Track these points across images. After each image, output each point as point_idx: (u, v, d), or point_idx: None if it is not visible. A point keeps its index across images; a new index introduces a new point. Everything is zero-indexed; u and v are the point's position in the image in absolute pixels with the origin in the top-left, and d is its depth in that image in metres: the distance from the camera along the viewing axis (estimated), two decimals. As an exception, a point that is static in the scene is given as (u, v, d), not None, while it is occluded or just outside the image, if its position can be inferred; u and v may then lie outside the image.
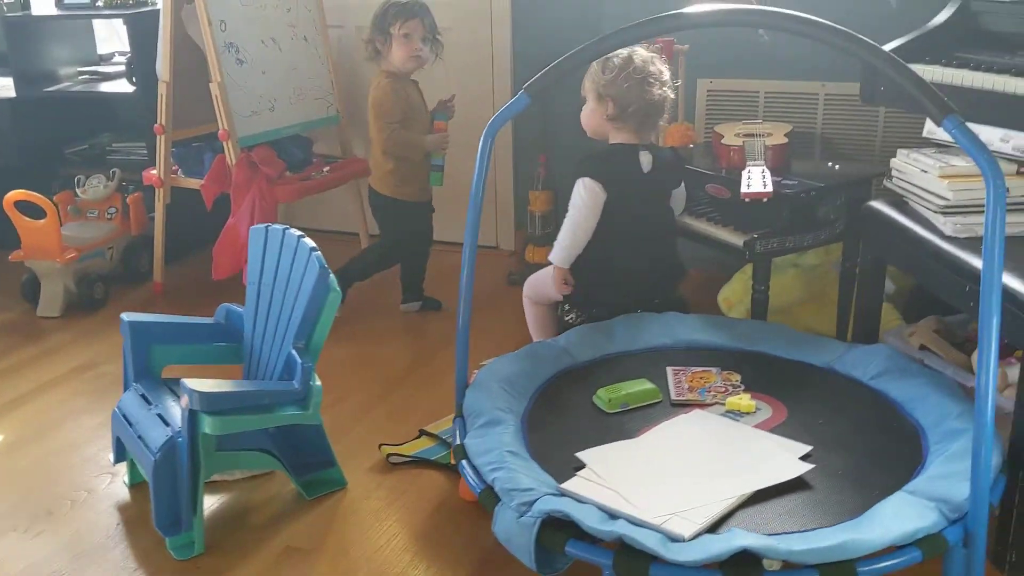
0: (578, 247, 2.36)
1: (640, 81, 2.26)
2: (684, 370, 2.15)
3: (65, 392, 2.69)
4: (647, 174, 2.36)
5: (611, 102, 2.30)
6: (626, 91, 2.27)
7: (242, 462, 2.07)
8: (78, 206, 3.43)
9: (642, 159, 2.35)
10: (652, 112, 2.31)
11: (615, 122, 2.32)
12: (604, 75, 2.29)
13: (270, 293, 2.16)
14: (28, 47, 3.66)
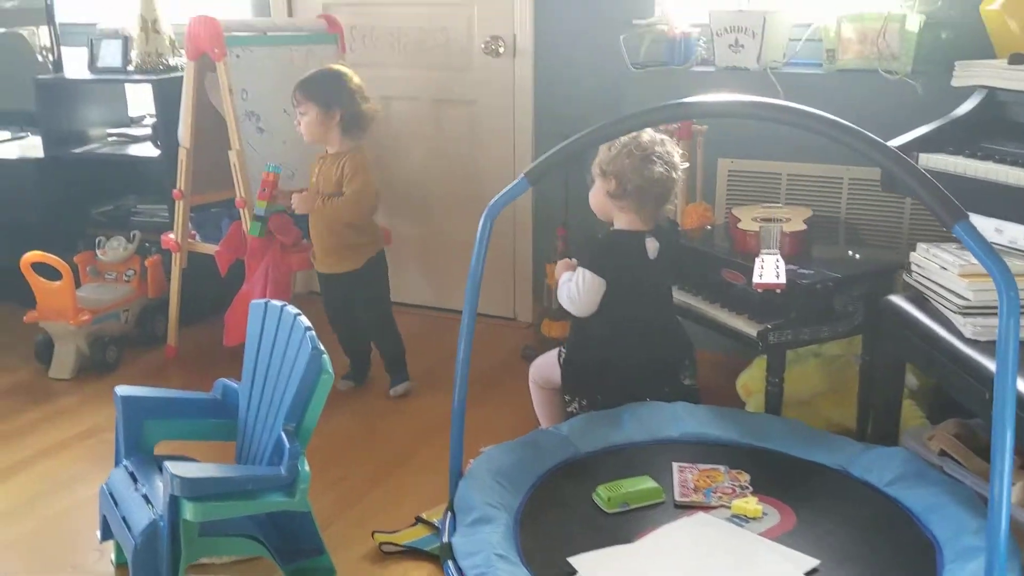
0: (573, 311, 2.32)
1: (642, 158, 2.21)
2: (691, 467, 2.06)
3: (66, 458, 2.66)
4: (653, 261, 2.30)
5: (613, 179, 2.25)
6: (627, 167, 2.22)
7: (226, 548, 2.01)
8: (97, 267, 3.44)
9: (648, 246, 2.29)
10: (653, 190, 2.24)
11: (616, 200, 2.27)
12: (608, 152, 2.26)
13: (265, 370, 2.12)
14: (59, 108, 3.72)
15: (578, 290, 2.26)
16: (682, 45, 2.98)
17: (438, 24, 3.55)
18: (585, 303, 2.27)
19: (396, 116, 3.72)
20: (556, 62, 3.39)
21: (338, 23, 3.44)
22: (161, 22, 3.63)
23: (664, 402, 2.27)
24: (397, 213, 3.82)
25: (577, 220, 3.34)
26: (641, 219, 2.29)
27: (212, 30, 2.97)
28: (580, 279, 2.26)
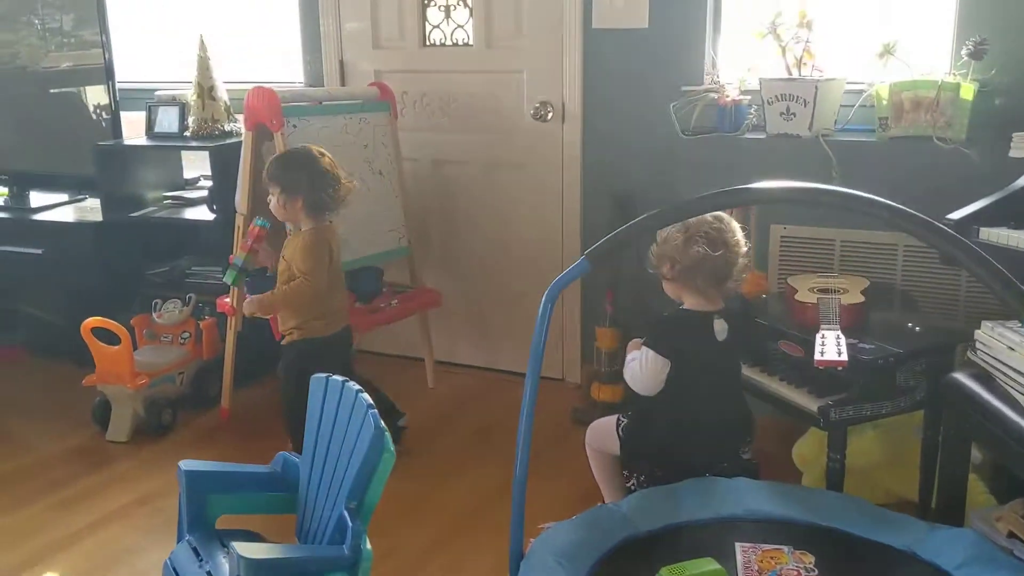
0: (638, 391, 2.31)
1: (685, 240, 2.19)
2: (754, 547, 2.03)
3: (122, 527, 2.69)
4: (722, 343, 2.26)
5: (669, 263, 2.24)
6: (672, 250, 2.21)
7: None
8: (153, 330, 3.50)
9: (716, 327, 2.26)
10: (701, 270, 2.21)
11: (675, 283, 2.26)
12: (664, 233, 2.25)
13: (326, 445, 2.13)
14: (117, 173, 3.82)
15: (641, 369, 2.25)
16: (732, 112, 3.00)
17: (488, 90, 3.60)
18: (648, 383, 2.26)
19: (446, 179, 3.78)
20: (605, 127, 3.43)
21: (390, 90, 3.51)
22: (217, 89, 3.73)
23: (724, 477, 2.24)
24: (446, 274, 3.86)
25: (626, 283, 3.35)
26: (707, 299, 2.26)
27: (271, 102, 3.04)
28: (644, 358, 2.25)
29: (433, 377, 3.73)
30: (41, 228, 3.88)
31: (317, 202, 2.82)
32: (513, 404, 3.49)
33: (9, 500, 2.85)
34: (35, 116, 4.26)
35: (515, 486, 1.96)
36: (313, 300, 2.86)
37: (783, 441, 2.85)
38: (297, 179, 2.80)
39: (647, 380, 2.26)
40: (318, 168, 2.82)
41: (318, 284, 2.82)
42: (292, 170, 2.82)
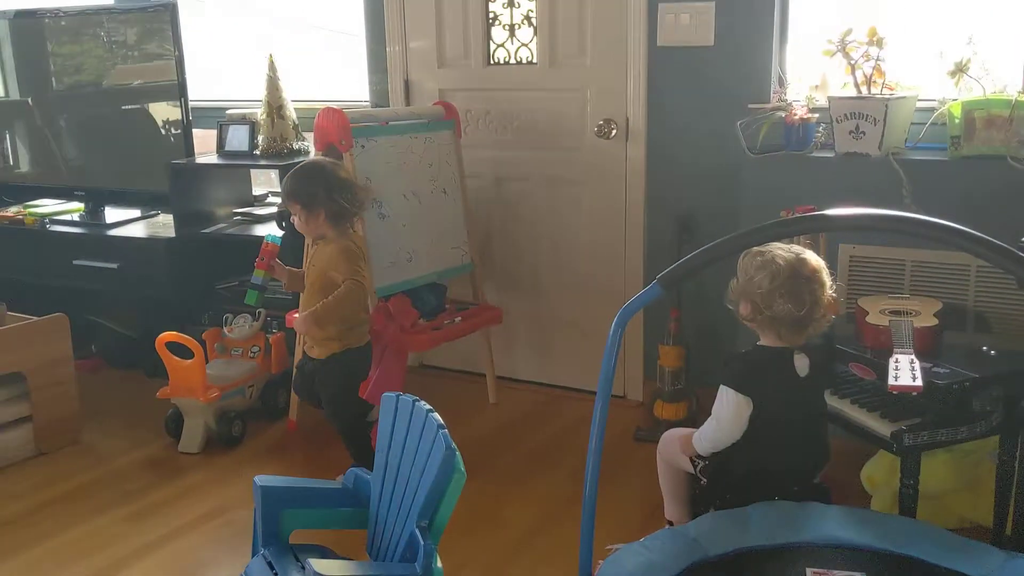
0: (721, 446, 2.25)
1: (769, 292, 2.11)
2: (826, 574, 2.00)
3: (196, 539, 2.75)
4: (804, 379, 2.21)
5: (748, 303, 2.18)
6: (757, 296, 2.13)
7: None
8: (224, 343, 3.59)
9: (797, 364, 2.19)
10: (785, 321, 2.15)
11: (753, 323, 2.22)
12: (742, 275, 2.17)
13: (397, 464, 2.16)
14: (189, 190, 3.92)
15: (725, 411, 2.18)
16: (800, 131, 2.98)
17: (552, 108, 3.63)
18: (730, 427, 2.19)
19: (508, 197, 3.81)
20: (669, 145, 3.42)
21: (454, 109, 3.56)
22: (286, 108, 3.81)
23: (795, 501, 2.22)
24: (508, 290, 3.88)
25: (691, 301, 3.34)
26: (784, 339, 2.20)
27: (340, 123, 3.10)
28: (724, 397, 2.19)
29: (494, 393, 3.76)
30: (116, 243, 3.99)
31: (339, 212, 2.85)
32: (573, 421, 3.54)
33: (84, 510, 2.93)
34: (108, 133, 4.39)
35: (584, 508, 1.97)
36: (364, 301, 2.90)
37: (851, 463, 2.81)
38: (315, 192, 2.84)
39: (730, 423, 2.19)
40: (334, 178, 2.86)
41: (367, 284, 2.87)
42: (309, 184, 2.86)
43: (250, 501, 2.87)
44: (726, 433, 2.22)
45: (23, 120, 4.61)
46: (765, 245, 2.11)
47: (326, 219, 2.86)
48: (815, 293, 2.14)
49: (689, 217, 3.37)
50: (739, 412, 2.19)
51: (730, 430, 2.21)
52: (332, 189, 2.84)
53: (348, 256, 2.85)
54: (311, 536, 2.31)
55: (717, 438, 2.24)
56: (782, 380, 2.20)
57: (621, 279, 3.62)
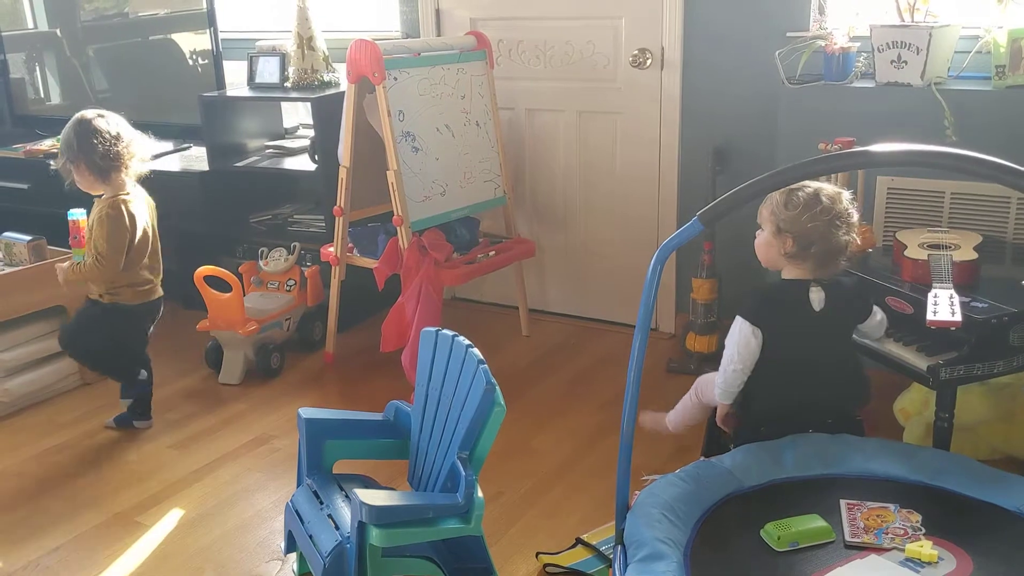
0: (734, 385, 2.27)
1: (827, 223, 2.12)
2: (860, 505, 2.04)
3: (240, 467, 2.83)
4: (819, 313, 2.20)
5: (791, 239, 2.17)
6: (809, 231, 2.13)
7: (405, 568, 2.11)
8: (260, 277, 3.63)
9: (812, 296, 2.19)
10: (834, 254, 2.17)
11: (793, 260, 2.21)
12: (787, 210, 2.16)
13: (437, 398, 2.21)
14: (221, 123, 3.93)
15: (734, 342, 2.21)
16: (840, 60, 2.92)
17: (585, 37, 3.57)
18: (736, 358, 2.21)
19: (541, 128, 3.78)
20: (705, 75, 3.37)
21: (486, 39, 3.51)
22: (316, 39, 3.78)
23: (828, 434, 2.25)
24: (540, 223, 3.89)
25: (725, 233, 3.33)
26: (814, 274, 2.20)
27: (373, 55, 3.08)
28: (736, 328, 2.21)
29: (527, 325, 3.79)
30: (150, 177, 4.00)
31: (97, 166, 2.80)
32: (604, 352, 3.58)
33: (131, 440, 3.02)
34: (137, 64, 4.39)
35: (622, 440, 2.00)
36: (105, 281, 2.90)
37: (884, 395, 2.82)
38: (69, 144, 2.81)
39: (736, 351, 2.21)
40: (89, 130, 2.79)
41: (109, 267, 2.83)
42: (66, 138, 2.83)
43: (291, 430, 2.98)
44: (735, 369, 2.23)
45: (52, 52, 4.62)
46: None
47: (90, 172, 2.82)
48: (852, 227, 2.15)
49: (724, 149, 3.34)
50: (747, 342, 2.20)
51: (738, 362, 2.22)
52: (83, 139, 2.79)
53: (103, 223, 2.81)
54: (353, 466, 2.38)
55: (727, 376, 2.25)
56: (796, 314, 2.21)
57: (654, 212, 3.61)
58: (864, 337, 2.40)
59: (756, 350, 2.22)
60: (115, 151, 2.81)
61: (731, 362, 2.25)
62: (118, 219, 2.82)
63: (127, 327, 3.02)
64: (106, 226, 2.81)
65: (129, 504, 2.64)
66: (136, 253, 2.90)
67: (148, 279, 2.99)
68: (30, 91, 4.65)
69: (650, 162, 3.57)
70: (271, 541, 2.45)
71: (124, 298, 2.95)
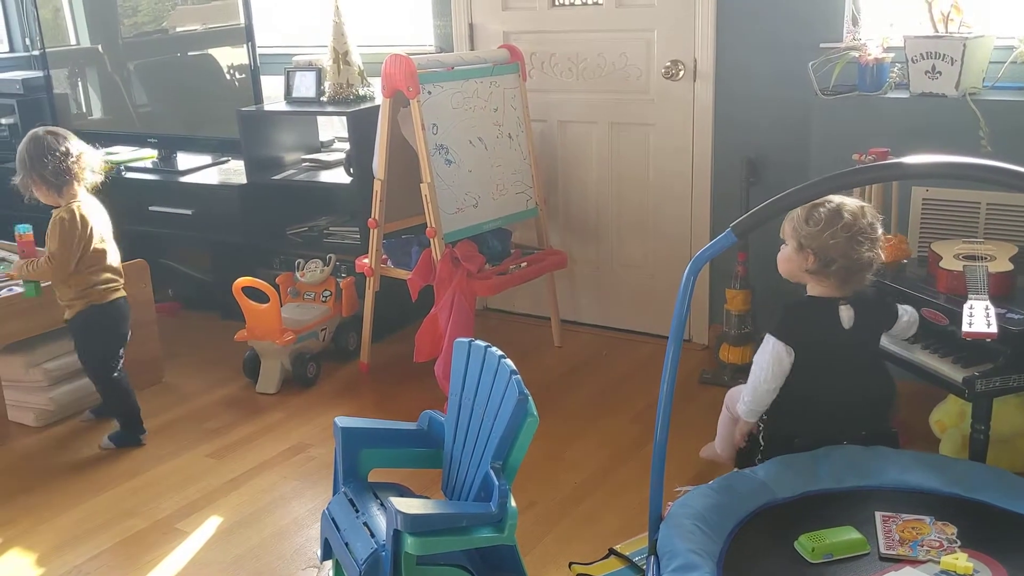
0: (762, 404, 2.26)
1: (848, 239, 2.09)
2: (894, 517, 2.03)
3: (277, 475, 2.88)
4: (849, 330, 2.19)
5: (812, 255, 2.14)
6: (831, 247, 2.11)
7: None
8: (297, 288, 3.69)
9: (842, 315, 2.18)
10: (858, 272, 2.14)
11: (815, 276, 2.19)
12: (808, 226, 2.13)
13: (470, 408, 2.23)
14: (258, 137, 4.00)
15: (765, 360, 2.19)
16: (874, 71, 2.92)
17: (617, 49, 3.60)
18: (767, 377, 2.20)
19: (573, 139, 3.80)
20: (738, 87, 3.38)
21: (519, 52, 3.55)
22: (352, 54, 3.84)
23: (862, 446, 2.24)
24: (573, 234, 3.91)
25: (759, 244, 3.32)
26: (839, 291, 2.19)
27: (407, 69, 3.12)
28: (767, 346, 2.20)
29: (559, 336, 3.81)
30: (190, 190, 4.10)
31: (47, 178, 2.91)
32: (636, 363, 3.59)
33: (171, 447, 3.08)
34: (176, 79, 4.48)
35: (655, 451, 2.01)
36: (55, 280, 2.99)
37: (920, 407, 2.81)
38: (23, 161, 2.94)
39: (765, 370, 2.20)
40: (39, 146, 2.91)
41: (60, 266, 2.92)
42: (20, 155, 2.95)
43: (327, 439, 3.02)
44: (764, 388, 2.22)
45: (94, 67, 4.72)
46: None
47: (44, 187, 2.93)
48: (875, 243, 2.13)
49: (757, 160, 3.34)
50: (780, 360, 2.18)
51: (768, 381, 2.21)
52: (36, 159, 2.91)
53: (56, 227, 2.92)
54: (387, 475, 2.41)
55: (757, 393, 2.23)
56: (826, 331, 2.19)
57: (687, 223, 3.62)
58: (896, 338, 2.39)
59: (789, 368, 2.21)
60: (65, 166, 2.92)
61: (764, 381, 2.23)
62: (70, 221, 2.92)
63: (106, 326, 3.07)
64: (57, 228, 2.92)
65: (169, 511, 2.69)
66: (94, 255, 2.99)
67: (111, 278, 3.07)
68: (73, 106, 4.76)
69: (683, 173, 3.58)
70: (307, 548, 2.48)
71: (93, 298, 3.02)
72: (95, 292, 3.02)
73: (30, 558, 2.50)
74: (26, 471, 2.96)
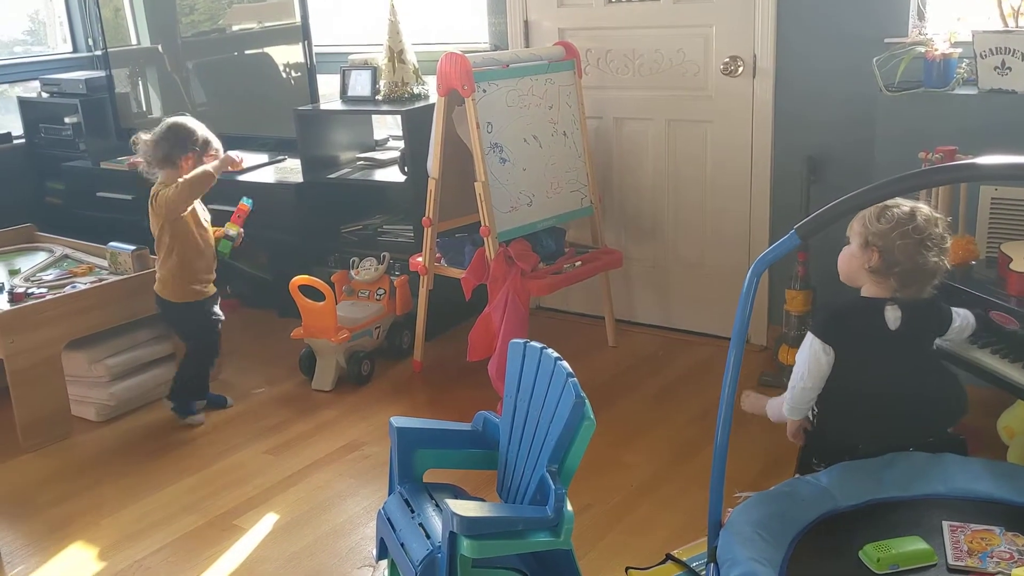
0: (803, 403, 2.22)
1: (917, 243, 2.03)
2: (963, 527, 1.97)
3: (332, 473, 2.89)
4: (895, 331, 2.12)
5: (877, 254, 2.09)
6: (898, 248, 2.05)
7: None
8: (351, 286, 3.71)
9: (888, 315, 2.11)
10: (920, 278, 2.08)
11: (875, 275, 2.12)
12: (878, 223, 2.08)
13: (525, 410, 2.21)
14: (315, 136, 4.02)
15: (803, 359, 2.15)
16: (941, 66, 2.83)
17: (675, 45, 3.55)
18: (805, 375, 2.16)
19: (629, 137, 3.76)
20: (799, 83, 3.31)
21: (575, 49, 3.52)
22: (407, 52, 3.85)
23: (929, 453, 2.18)
24: (628, 233, 3.87)
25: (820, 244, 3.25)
26: (893, 290, 2.12)
27: (463, 68, 3.11)
28: (806, 344, 2.16)
29: (613, 336, 3.78)
30: (248, 188, 4.13)
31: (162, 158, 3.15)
32: (693, 364, 3.54)
33: (228, 444, 3.12)
34: (233, 78, 4.53)
35: (715, 456, 1.97)
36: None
37: (987, 413, 2.72)
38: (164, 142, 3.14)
39: (805, 368, 2.16)
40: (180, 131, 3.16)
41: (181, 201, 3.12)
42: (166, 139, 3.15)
43: (381, 437, 3.03)
44: (804, 386, 2.18)
45: (154, 67, 4.80)
46: None
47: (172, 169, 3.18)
48: (944, 252, 2.08)
49: (818, 158, 3.27)
50: (817, 359, 2.14)
51: (807, 379, 2.17)
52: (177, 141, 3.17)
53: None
54: (441, 475, 2.40)
55: (793, 384, 2.20)
56: (870, 332, 2.13)
57: (745, 222, 3.56)
58: (952, 343, 2.32)
59: (826, 368, 2.16)
60: None
61: (801, 379, 2.19)
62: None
63: None
64: None
65: (227, 507, 2.72)
66: None
67: None
68: (133, 105, 4.85)
69: (742, 171, 3.52)
70: (362, 547, 2.49)
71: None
72: None
73: (93, 552, 2.54)
74: (88, 466, 3.02)
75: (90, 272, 3.48)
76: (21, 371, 3.06)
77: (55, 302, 3.16)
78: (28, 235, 3.95)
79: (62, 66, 5.11)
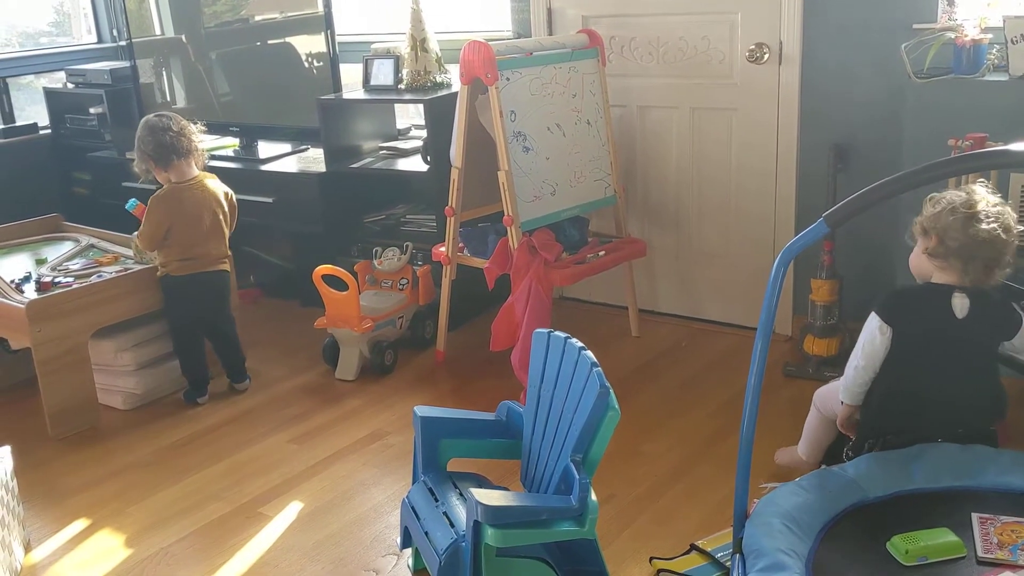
0: (856, 384, 2.21)
1: (967, 216, 2.04)
2: (993, 519, 1.95)
3: (356, 462, 2.90)
4: (961, 320, 2.11)
5: (934, 236, 2.10)
6: (950, 224, 2.06)
7: (519, 569, 2.12)
8: (374, 276, 3.71)
9: (955, 303, 2.10)
10: (980, 253, 2.07)
11: (937, 259, 2.12)
12: (931, 207, 2.11)
13: (549, 400, 2.21)
14: (337, 125, 4.02)
15: (863, 337, 2.16)
16: (971, 52, 2.78)
17: (699, 32, 3.51)
18: (863, 354, 2.17)
19: (653, 125, 3.73)
20: (826, 70, 3.27)
21: (598, 36, 3.49)
22: (429, 41, 3.83)
23: (958, 445, 2.15)
24: (652, 222, 3.85)
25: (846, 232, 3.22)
26: (962, 279, 2.12)
27: (486, 56, 3.10)
28: (869, 323, 2.16)
29: (636, 326, 3.76)
30: (271, 178, 4.15)
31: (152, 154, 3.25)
32: (717, 354, 3.52)
33: (252, 433, 3.13)
34: (256, 68, 4.53)
35: (741, 447, 1.96)
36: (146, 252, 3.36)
37: (1019, 404, 2.69)
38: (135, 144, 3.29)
39: (864, 350, 2.16)
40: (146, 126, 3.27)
41: (145, 245, 3.29)
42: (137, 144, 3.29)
43: (404, 427, 3.04)
44: (862, 366, 2.19)
45: (178, 57, 4.81)
46: None
47: (153, 164, 3.29)
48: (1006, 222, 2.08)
49: (845, 146, 3.24)
50: (872, 339, 2.15)
51: (865, 358, 2.18)
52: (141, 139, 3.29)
53: (147, 215, 3.26)
54: (465, 464, 2.41)
55: (849, 373, 2.20)
56: (935, 317, 2.13)
57: (771, 211, 3.53)
58: (1017, 352, 2.28)
59: (881, 349, 2.16)
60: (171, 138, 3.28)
61: (855, 358, 2.20)
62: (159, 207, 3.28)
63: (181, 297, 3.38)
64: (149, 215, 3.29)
65: (252, 495, 2.73)
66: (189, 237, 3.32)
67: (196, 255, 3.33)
68: (158, 95, 4.86)
69: (767, 159, 3.49)
70: (386, 536, 2.50)
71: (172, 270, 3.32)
72: (172, 266, 3.29)
73: (119, 539, 2.57)
74: (115, 453, 3.04)
75: (116, 261, 3.50)
76: (48, 360, 3.09)
77: (81, 291, 3.18)
78: (54, 225, 3.98)
79: (87, 57, 5.14)
